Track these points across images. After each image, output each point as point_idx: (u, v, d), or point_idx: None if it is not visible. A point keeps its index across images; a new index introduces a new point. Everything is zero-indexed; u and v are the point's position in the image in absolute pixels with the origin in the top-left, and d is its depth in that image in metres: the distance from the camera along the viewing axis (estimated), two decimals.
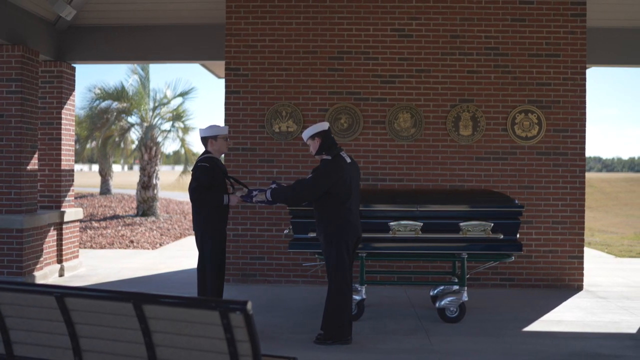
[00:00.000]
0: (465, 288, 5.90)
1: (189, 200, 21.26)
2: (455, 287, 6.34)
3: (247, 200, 5.37)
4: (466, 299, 5.89)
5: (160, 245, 12.07)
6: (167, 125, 16.63)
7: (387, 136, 7.71)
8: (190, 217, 16.46)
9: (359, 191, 5.31)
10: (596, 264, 9.68)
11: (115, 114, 15.78)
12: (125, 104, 15.91)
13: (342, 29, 7.73)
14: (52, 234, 8.14)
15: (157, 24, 8.53)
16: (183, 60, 8.82)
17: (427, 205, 5.88)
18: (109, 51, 8.62)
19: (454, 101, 7.69)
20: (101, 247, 11.55)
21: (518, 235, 5.92)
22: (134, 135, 16.71)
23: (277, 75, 7.77)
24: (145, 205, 16.22)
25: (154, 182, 16.36)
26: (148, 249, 11.60)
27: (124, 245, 11.87)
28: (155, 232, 13.68)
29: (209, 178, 5.10)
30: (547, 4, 7.63)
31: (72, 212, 8.57)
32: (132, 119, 16.52)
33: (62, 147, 8.44)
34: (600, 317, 6.17)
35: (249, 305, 2.45)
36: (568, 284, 7.63)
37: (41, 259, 7.77)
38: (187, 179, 16.85)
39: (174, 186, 21.42)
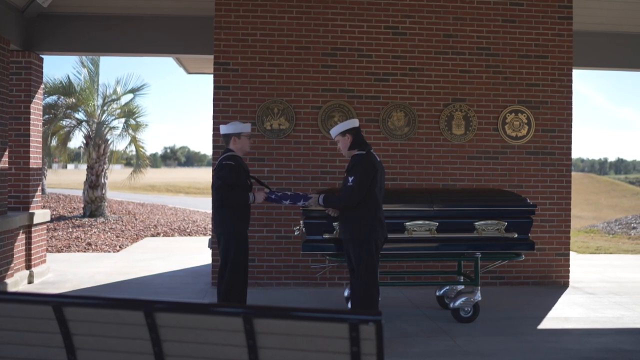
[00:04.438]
0: (479, 287, 5.89)
1: (131, 200, 20.19)
2: (461, 287, 6.34)
3: (273, 198, 5.14)
4: (479, 299, 5.88)
5: (121, 247, 11.48)
6: (116, 122, 15.87)
7: (380, 135, 7.61)
8: (142, 217, 15.79)
9: (384, 191, 5.19)
10: None
11: (63, 110, 14.88)
12: (72, 100, 15.05)
13: (336, 25, 7.57)
14: (21, 237, 7.54)
15: (134, 15, 8.06)
16: (160, 54, 8.42)
17: (443, 205, 5.82)
18: (82, 42, 8.08)
19: (446, 100, 7.69)
20: (58, 251, 10.84)
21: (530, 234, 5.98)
22: (81, 132, 15.81)
23: (269, 70, 7.52)
24: (93, 205, 15.41)
25: (103, 181, 15.57)
26: (109, 251, 11.00)
27: (81, 248, 11.21)
28: (109, 233, 13.01)
29: (234, 177, 4.82)
30: (536, 6, 7.76)
31: (41, 214, 7.97)
32: (79, 116, 15.64)
33: (31, 144, 7.83)
34: (602, 313, 6.32)
35: (381, 316, 2.28)
36: (555, 280, 7.80)
37: (12, 264, 7.18)
38: (138, 178, 16.18)
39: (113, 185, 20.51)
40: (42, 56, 8.16)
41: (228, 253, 4.88)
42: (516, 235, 5.82)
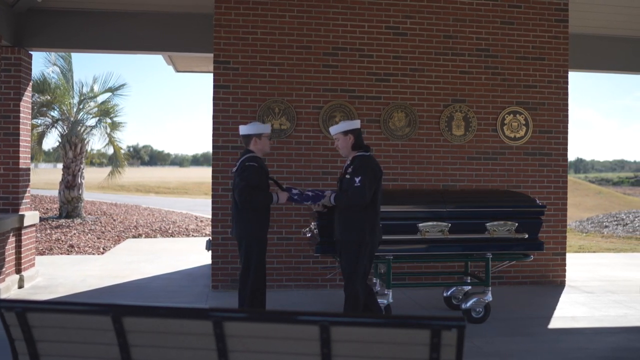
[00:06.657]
0: (490, 288, 5.91)
1: (102, 200, 19.73)
2: (468, 288, 6.37)
3: (295, 199, 5.06)
4: (490, 299, 5.90)
5: (104, 249, 11.19)
6: (93, 121, 15.50)
7: (381, 135, 7.58)
8: (120, 218, 15.46)
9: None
10: None
11: (37, 107, 14.44)
12: (47, 97, 14.63)
13: (337, 25, 7.51)
14: (12, 240, 7.27)
15: (129, 11, 7.85)
16: (155, 51, 8.23)
17: (456, 205, 5.82)
18: (73, 38, 7.83)
19: (446, 101, 7.71)
20: (40, 253, 10.51)
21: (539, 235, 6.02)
22: (56, 130, 15.38)
23: (270, 70, 7.41)
24: (70, 206, 15.02)
25: (79, 181, 15.20)
26: (93, 254, 10.72)
27: (64, 251, 10.89)
28: (90, 235, 12.68)
29: (257, 179, 4.72)
30: (534, 8, 7.84)
31: (31, 216, 7.70)
32: (54, 114, 15.21)
33: (20, 143, 7.55)
34: (606, 312, 6.42)
35: (465, 322, 2.24)
36: (552, 280, 7.90)
37: (3, 269, 6.91)
38: (116, 178, 15.84)
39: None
40: (31, 52, 7.89)
41: (251, 256, 4.78)
42: (527, 236, 5.86)
